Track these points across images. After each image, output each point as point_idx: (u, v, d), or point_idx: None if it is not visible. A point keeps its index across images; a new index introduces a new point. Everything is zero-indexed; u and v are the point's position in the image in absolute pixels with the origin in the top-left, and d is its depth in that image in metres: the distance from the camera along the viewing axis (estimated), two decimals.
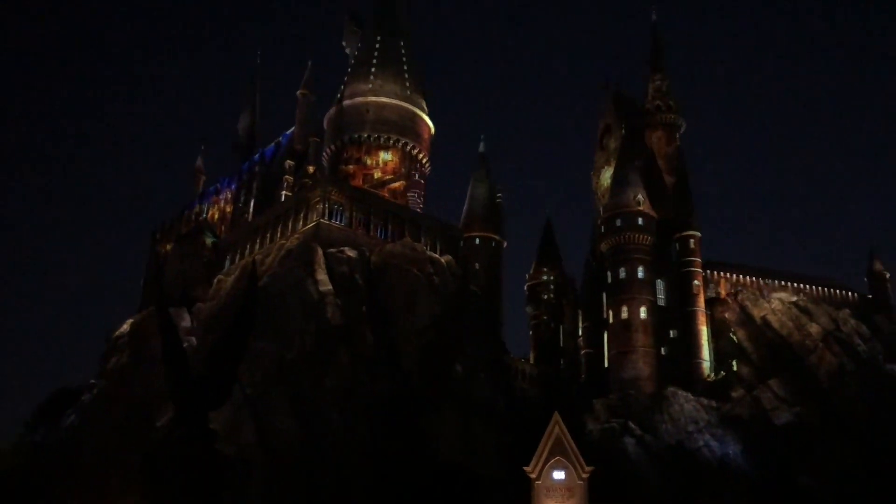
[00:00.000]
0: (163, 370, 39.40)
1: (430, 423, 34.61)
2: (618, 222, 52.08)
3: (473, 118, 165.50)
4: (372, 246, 45.46)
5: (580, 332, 55.83)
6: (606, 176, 59.22)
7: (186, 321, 44.89)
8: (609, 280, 51.60)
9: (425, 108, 58.89)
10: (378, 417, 35.09)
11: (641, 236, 51.44)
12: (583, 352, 54.42)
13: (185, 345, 42.06)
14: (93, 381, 46.05)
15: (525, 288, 61.45)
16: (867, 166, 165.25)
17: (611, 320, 50.62)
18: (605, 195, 58.00)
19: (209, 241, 52.55)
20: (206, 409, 35.60)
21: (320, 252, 42.43)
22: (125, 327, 47.18)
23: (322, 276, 41.06)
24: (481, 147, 60.63)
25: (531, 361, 54.35)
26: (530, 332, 59.83)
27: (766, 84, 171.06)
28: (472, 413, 37.98)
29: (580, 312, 56.54)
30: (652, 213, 52.49)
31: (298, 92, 59.79)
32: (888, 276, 58.99)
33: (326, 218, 45.22)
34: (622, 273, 50.87)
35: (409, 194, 55.45)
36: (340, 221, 46.00)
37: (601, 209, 57.32)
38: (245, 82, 74.82)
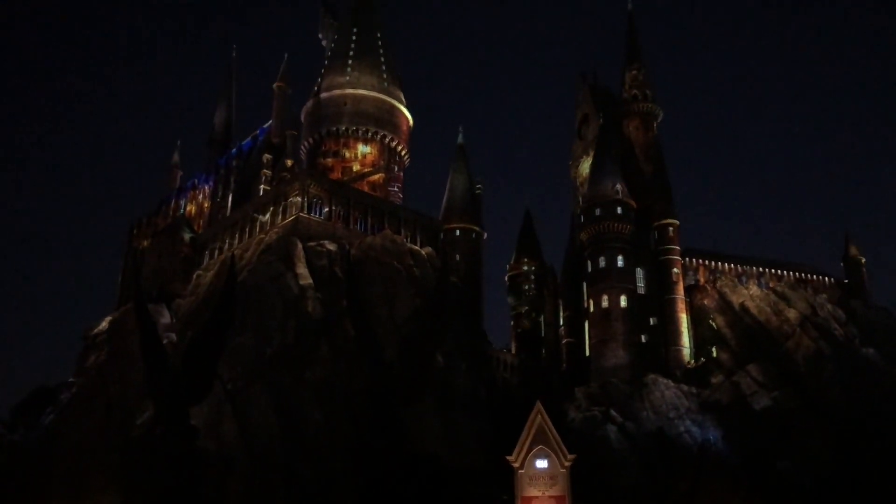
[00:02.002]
0: (142, 367, 39.00)
1: (412, 415, 34.56)
2: (597, 212, 52.32)
3: (452, 110, 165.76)
4: (351, 239, 45.35)
5: (561, 322, 56.14)
6: (585, 166, 59.44)
7: (165, 317, 44.57)
8: (589, 269, 51.88)
9: (403, 99, 58.73)
10: (359, 411, 35.06)
11: (620, 225, 51.73)
12: (564, 341, 54.75)
13: (165, 341, 41.63)
14: (71, 379, 45.63)
15: (506, 278, 61.63)
16: (842, 151, 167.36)
17: (591, 309, 50.93)
18: (583, 185, 58.23)
19: (187, 236, 52.23)
20: (186, 406, 35.31)
21: (300, 246, 42.28)
22: (103, 325, 46.79)
23: (302, 269, 40.94)
24: (460, 138, 60.54)
25: (512, 352, 54.59)
26: (511, 323, 60.08)
27: (742, 71, 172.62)
28: (454, 404, 38.10)
29: (560, 302, 56.83)
30: (630, 201, 52.77)
31: (275, 85, 59.41)
32: (863, 260, 59.80)
33: (305, 211, 45.06)
34: (602, 262, 51.15)
35: (388, 187, 55.35)
36: (319, 215, 45.84)
37: (580, 199, 57.55)
38: (221, 76, 74.46)
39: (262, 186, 53.15)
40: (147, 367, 38.41)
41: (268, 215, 47.56)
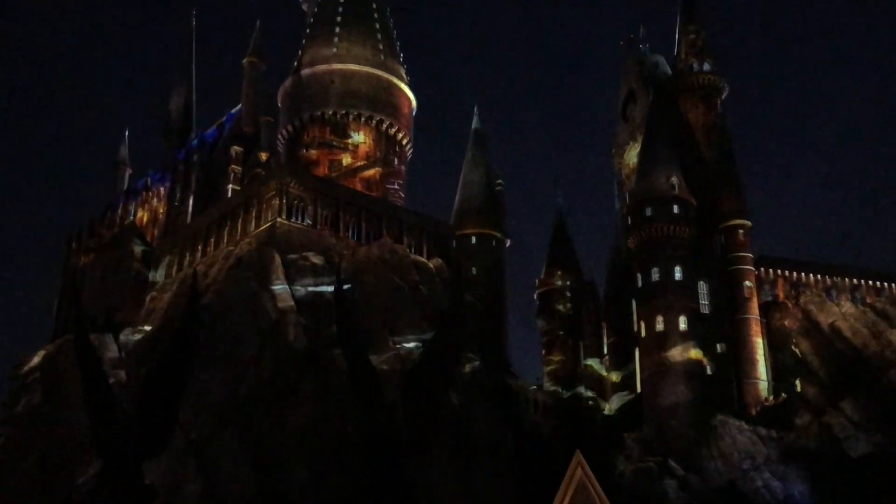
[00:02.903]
0: (84, 412, 39.27)
1: (420, 469, 34.63)
2: (648, 211, 52.25)
3: (464, 87, 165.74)
4: (342, 250, 45.51)
5: (605, 350, 56.06)
6: (632, 154, 59.47)
7: (112, 350, 44.78)
8: (639, 283, 51.79)
9: (404, 76, 59.02)
10: (353, 464, 35.10)
11: (678, 228, 51.60)
12: (608, 374, 54.68)
13: (112, 380, 41.92)
14: None
15: (535, 296, 61.66)
16: None
17: (643, 334, 50.78)
18: (630, 178, 58.22)
19: (138, 249, 52.55)
20: (140, 460, 35.50)
21: (278, 259, 42.50)
22: (35, 360, 47.03)
23: (281, 289, 41.14)
24: (475, 122, 60.82)
25: (544, 387, 54.52)
26: (543, 352, 60.06)
27: (827, 35, 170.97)
28: (472, 455, 38.03)
29: (604, 325, 56.77)
30: (690, 198, 52.70)
31: (245, 60, 59.91)
32: None
33: (284, 216, 45.30)
34: (655, 274, 51.03)
35: (387, 184, 55.58)
36: (302, 220, 46.08)
37: (626, 196, 57.53)
38: (178, 49, 74.69)
39: (230, 186, 53.53)
40: (91, 412, 38.56)
41: (238, 222, 47.83)
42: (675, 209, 52.10)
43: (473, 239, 54.95)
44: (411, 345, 40.73)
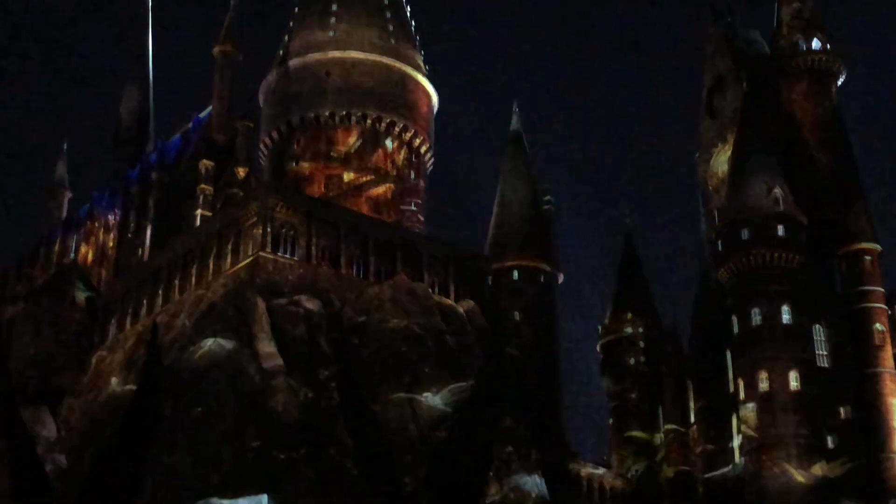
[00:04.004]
0: None
1: None
2: (744, 234, 52.03)
3: (500, 77, 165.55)
4: (344, 291, 45.52)
5: (692, 418, 55.47)
6: (721, 159, 59.30)
7: (49, 428, 44.93)
8: (735, 329, 51.42)
9: (421, 65, 59.32)
10: None
11: (784, 255, 51.30)
12: (698, 449, 54.05)
13: (49, 467, 41.96)
14: None
15: (598, 348, 61.28)
16: None
17: (741, 395, 50.35)
18: (719, 190, 58.01)
19: (81, 295, 52.86)
20: None
21: (262, 305, 42.56)
22: None
23: (266, 344, 41.12)
24: (514, 123, 60.84)
25: (614, 467, 53.99)
26: (610, 420, 59.56)
27: None
28: None
29: (689, 384, 56.22)
30: (799, 215, 52.39)
31: (215, 49, 60.35)
32: None
33: (269, 249, 45.35)
34: (756, 316, 50.70)
35: (401, 205, 55.66)
36: (292, 254, 46.14)
37: (715, 213, 57.23)
38: (129, 38, 75.53)
39: (198, 212, 53.70)
40: None
41: (210, 258, 48.00)
42: (780, 230, 51.77)
43: (515, 273, 54.80)
44: (437, 414, 40.49)
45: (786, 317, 50.57)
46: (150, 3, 74.45)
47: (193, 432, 38.29)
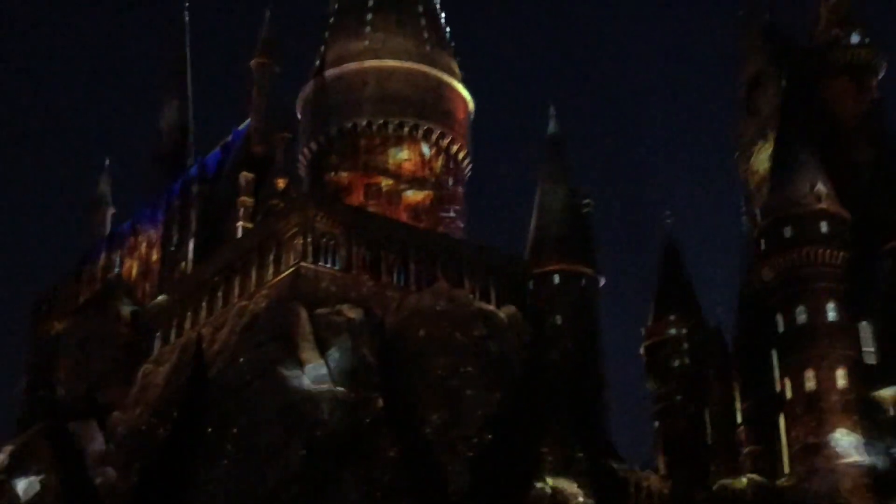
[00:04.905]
0: None
1: None
2: (787, 231, 51.65)
3: (535, 80, 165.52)
4: (386, 300, 45.84)
5: (738, 418, 55.06)
6: (762, 157, 58.89)
7: (98, 442, 45.43)
8: (781, 328, 51.01)
9: (457, 71, 59.38)
10: None
11: (828, 252, 50.85)
12: (745, 450, 53.61)
13: (99, 480, 42.49)
14: None
15: (641, 350, 60.94)
16: None
17: (788, 395, 49.98)
18: (761, 188, 57.60)
19: (126, 310, 53.40)
20: None
21: (304, 315, 42.85)
22: (0, 459, 47.88)
23: (309, 354, 41.41)
24: (552, 126, 60.68)
25: (660, 472, 53.75)
26: (655, 424, 59.14)
27: None
28: None
29: (736, 385, 55.79)
30: (842, 211, 51.96)
31: (252, 62, 60.76)
32: None
33: (310, 259, 45.69)
34: (801, 315, 50.29)
35: (440, 212, 55.72)
36: (333, 264, 46.43)
37: (757, 211, 56.87)
38: (168, 52, 76.00)
39: (240, 224, 54.11)
40: None
41: (252, 269, 48.37)
42: (824, 227, 51.33)
43: (556, 278, 54.55)
44: (480, 421, 40.56)
45: (831, 314, 50.11)
46: (188, 18, 74.81)
47: (238, 444, 38.61)
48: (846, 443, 47.70)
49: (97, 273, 62.05)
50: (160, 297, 54.36)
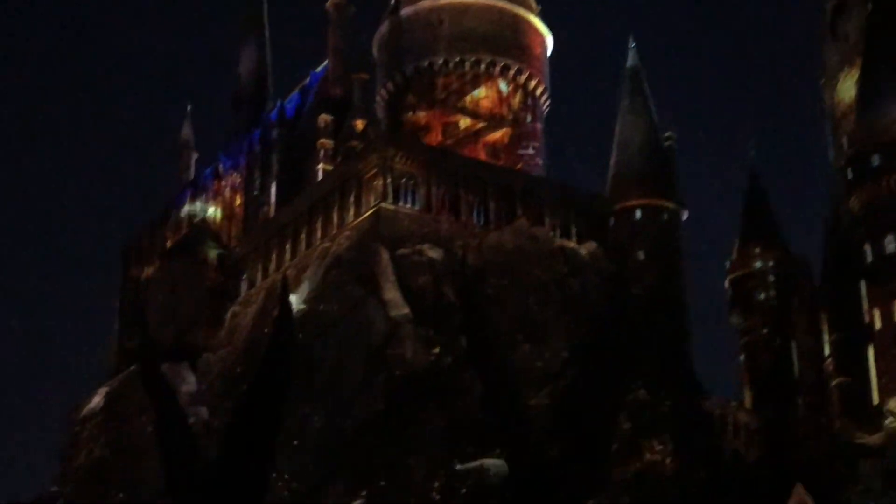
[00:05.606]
0: (159, 463, 40.88)
1: None
2: (875, 160, 50.93)
3: (613, 12, 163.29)
4: (466, 238, 45.93)
5: (826, 350, 54.62)
6: (847, 84, 57.83)
7: (189, 383, 46.48)
8: (869, 258, 50.52)
9: (533, 5, 58.82)
10: None
11: None
12: (834, 382, 53.23)
13: (191, 420, 43.40)
14: (55, 487, 48.35)
15: (726, 284, 60.54)
16: None
17: (877, 325, 49.52)
18: (847, 116, 56.66)
19: (212, 254, 54.27)
20: None
21: (385, 255, 43.22)
22: (95, 401, 49.31)
23: (392, 293, 41.79)
24: (631, 58, 59.94)
25: (747, 405, 53.60)
26: (741, 358, 58.90)
27: None
28: (652, 500, 37.81)
29: (823, 317, 55.30)
30: None
31: (329, 2, 60.72)
32: None
33: (390, 200, 45.94)
34: (890, 244, 49.73)
35: (519, 150, 55.57)
36: (413, 204, 46.64)
37: (844, 140, 55.97)
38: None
39: (320, 166, 54.49)
40: (167, 462, 40.18)
41: (333, 211, 48.84)
42: None
43: (638, 213, 54.26)
44: (563, 358, 40.72)
45: None
46: None
47: (325, 382, 39.28)
48: None
49: (183, 218, 62.93)
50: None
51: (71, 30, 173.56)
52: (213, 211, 61.12)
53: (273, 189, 57.21)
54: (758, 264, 59.09)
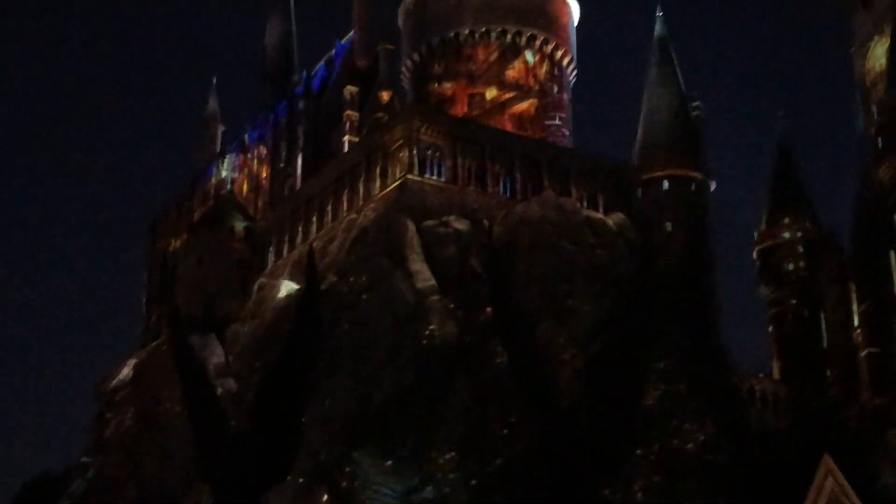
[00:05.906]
0: (188, 434, 41.24)
1: (611, 490, 34.61)
2: None
3: None
4: (492, 209, 45.88)
5: (855, 321, 54.38)
6: (878, 52, 57.31)
7: (217, 354, 46.70)
8: None
9: None
10: (525, 487, 35.43)
11: None
12: (863, 352, 53.00)
13: (220, 391, 43.81)
14: (84, 458, 48.83)
15: (754, 255, 60.26)
16: None
17: None
18: (878, 84, 56.16)
19: (239, 226, 54.39)
20: (259, 490, 37.00)
21: (412, 227, 43.22)
22: (124, 372, 49.70)
23: (418, 265, 41.80)
24: (659, 28, 59.49)
25: (775, 376, 53.46)
26: (770, 328, 58.67)
27: None
28: (679, 470, 37.78)
29: (852, 287, 55.03)
30: None
31: None
32: None
33: (416, 171, 45.92)
34: None
35: (546, 120, 55.32)
36: (439, 175, 46.60)
37: (874, 108, 55.49)
38: None
39: (346, 138, 54.47)
40: (196, 433, 40.61)
41: (359, 182, 48.85)
42: None
43: (665, 183, 53.95)
44: (590, 328, 40.67)
45: None
46: None
47: (352, 354, 39.40)
48: None
49: (210, 191, 63.27)
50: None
51: (99, 3, 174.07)
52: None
53: (299, 161, 57.30)
54: (786, 235, 58.76)
